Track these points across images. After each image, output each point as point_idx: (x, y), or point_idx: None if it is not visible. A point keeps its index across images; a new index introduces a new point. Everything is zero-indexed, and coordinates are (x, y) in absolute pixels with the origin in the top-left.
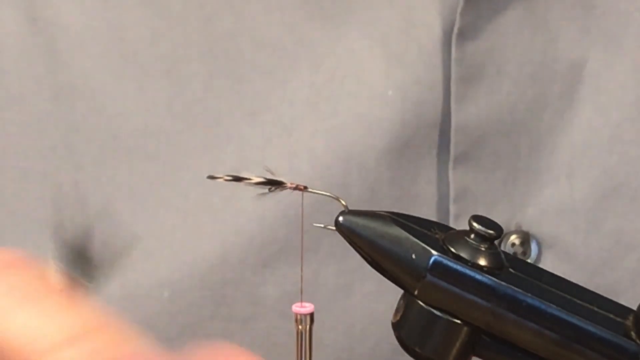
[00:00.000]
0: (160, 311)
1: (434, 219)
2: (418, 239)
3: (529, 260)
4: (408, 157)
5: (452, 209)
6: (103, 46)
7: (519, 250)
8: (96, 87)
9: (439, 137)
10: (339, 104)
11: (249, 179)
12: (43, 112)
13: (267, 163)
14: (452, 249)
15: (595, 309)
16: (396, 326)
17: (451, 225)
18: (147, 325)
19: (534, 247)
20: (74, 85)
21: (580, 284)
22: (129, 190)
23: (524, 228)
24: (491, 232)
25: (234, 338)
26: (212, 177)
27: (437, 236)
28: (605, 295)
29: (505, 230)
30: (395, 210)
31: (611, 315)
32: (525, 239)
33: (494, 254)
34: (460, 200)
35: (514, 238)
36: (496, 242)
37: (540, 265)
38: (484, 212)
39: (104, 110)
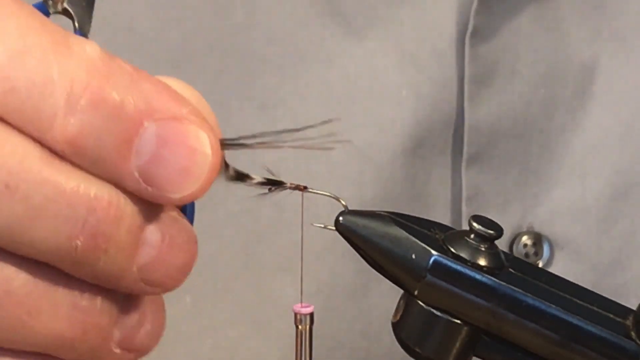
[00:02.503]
0: (182, 314)
1: (446, 218)
2: (418, 239)
3: (541, 261)
4: (421, 157)
5: (465, 208)
6: (110, 36)
7: (531, 250)
8: None
9: (452, 137)
10: (353, 104)
11: (250, 179)
12: None
13: (280, 161)
14: (452, 249)
15: (595, 309)
16: (396, 326)
17: (463, 225)
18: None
19: (546, 247)
20: None
21: (591, 284)
22: None
23: (536, 229)
24: (491, 232)
25: (254, 341)
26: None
27: (437, 236)
28: (616, 295)
29: (517, 231)
30: (409, 210)
31: (611, 315)
32: (537, 239)
33: (494, 254)
34: (473, 200)
35: (526, 239)
36: (508, 243)
37: (552, 266)
38: (496, 212)
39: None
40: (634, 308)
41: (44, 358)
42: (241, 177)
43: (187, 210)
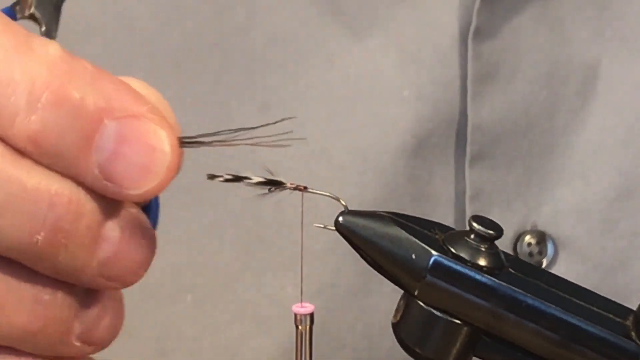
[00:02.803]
0: (183, 314)
1: (450, 218)
2: (418, 239)
3: (545, 260)
4: (424, 157)
5: (468, 207)
6: (111, 35)
7: (535, 249)
8: None
9: (455, 136)
10: (354, 104)
11: (249, 179)
12: None
13: (281, 162)
14: (452, 249)
15: (595, 309)
16: (396, 326)
17: (466, 224)
18: (169, 325)
19: (550, 247)
20: None
21: (595, 284)
22: None
23: (540, 228)
24: (491, 232)
25: (255, 340)
26: (211, 177)
27: (437, 236)
28: (619, 295)
29: (521, 230)
30: (412, 210)
31: (611, 316)
32: (541, 238)
33: (494, 254)
34: (476, 199)
35: (529, 238)
36: (512, 242)
37: (556, 265)
38: (499, 211)
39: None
40: (635, 308)
41: (5, 350)
42: (241, 177)
43: (151, 207)
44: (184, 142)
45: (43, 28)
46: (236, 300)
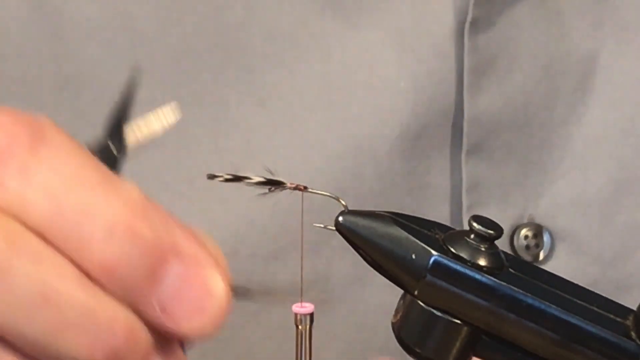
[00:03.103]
0: None
1: (446, 210)
2: (418, 239)
3: (542, 253)
4: (421, 148)
5: (465, 200)
6: (111, 35)
7: (532, 242)
8: (102, 76)
9: (451, 129)
10: (351, 96)
11: (249, 179)
12: (48, 101)
13: (277, 153)
14: (452, 249)
15: (595, 309)
16: (396, 326)
17: (464, 216)
18: None
19: (546, 239)
20: (80, 74)
21: (593, 276)
22: (133, 177)
23: (537, 220)
24: (491, 232)
25: (245, 330)
26: (211, 177)
27: (437, 236)
28: (618, 288)
29: (518, 222)
30: (408, 202)
31: (611, 315)
32: (538, 231)
33: (494, 254)
34: (473, 191)
35: (526, 230)
36: (509, 235)
37: (553, 258)
38: (496, 204)
39: (110, 99)
40: (636, 301)
41: None
42: (240, 177)
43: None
44: (235, 291)
45: None
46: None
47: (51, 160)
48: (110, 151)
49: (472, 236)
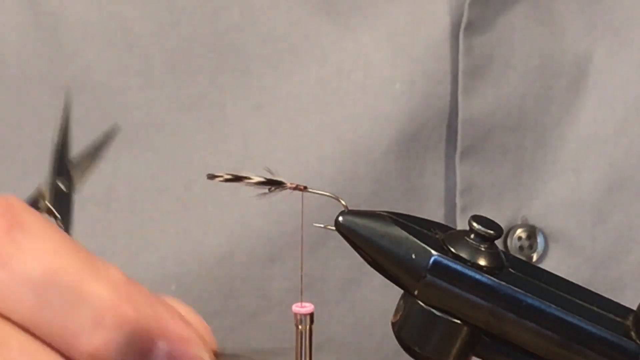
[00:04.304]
0: None
1: (441, 211)
2: (418, 239)
3: (535, 254)
4: (415, 150)
5: (459, 201)
6: (107, 38)
7: (526, 244)
8: (99, 79)
9: (446, 130)
10: (346, 98)
11: (249, 179)
12: (44, 104)
13: (274, 156)
14: (452, 249)
15: (595, 309)
16: (396, 326)
17: (457, 218)
18: None
19: (540, 240)
20: (77, 77)
21: (587, 277)
22: (129, 181)
23: (531, 222)
24: (491, 232)
25: (242, 332)
26: (211, 177)
27: (437, 236)
28: (611, 289)
29: (511, 224)
30: (403, 203)
31: (611, 315)
32: (532, 232)
33: (494, 254)
34: (467, 193)
35: (520, 232)
36: (503, 236)
37: (547, 259)
38: (490, 205)
39: (107, 102)
40: (630, 301)
41: None
42: (241, 177)
43: None
44: (221, 356)
45: (59, 221)
46: (222, 292)
47: (31, 248)
48: (61, 189)
49: (472, 236)
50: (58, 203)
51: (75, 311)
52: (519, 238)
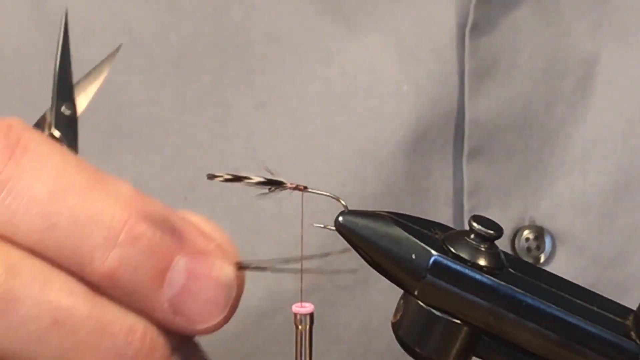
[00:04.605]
0: None
1: (448, 212)
2: (418, 239)
3: (543, 255)
4: (422, 151)
5: (466, 203)
6: (110, 37)
7: (533, 245)
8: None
9: (453, 131)
10: (353, 99)
11: (249, 179)
12: (47, 102)
13: (279, 156)
14: (452, 249)
15: (595, 309)
16: (396, 326)
17: (465, 219)
18: None
19: (548, 241)
20: (79, 76)
21: (593, 278)
22: (133, 180)
23: (538, 223)
24: (491, 232)
25: (250, 333)
26: (211, 177)
27: (437, 236)
28: (618, 290)
29: (519, 225)
30: (410, 204)
31: (611, 315)
32: (539, 233)
33: (494, 254)
34: (474, 194)
35: (527, 233)
36: (510, 237)
37: (554, 260)
38: (497, 206)
39: (110, 100)
40: (636, 303)
41: None
42: (241, 177)
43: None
44: (243, 267)
45: (64, 146)
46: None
47: (35, 169)
48: (65, 115)
49: (472, 236)
50: (63, 128)
51: (86, 231)
52: (527, 239)
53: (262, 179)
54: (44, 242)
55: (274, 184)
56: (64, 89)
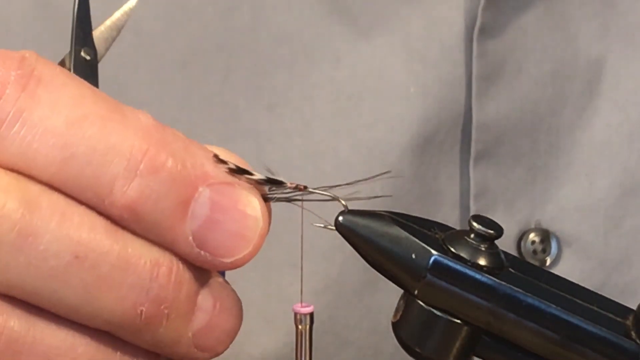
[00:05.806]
0: None
1: (455, 215)
2: (418, 238)
3: (549, 258)
4: (430, 154)
5: (473, 205)
6: (118, 38)
7: (539, 247)
8: (108, 77)
9: (460, 134)
10: (361, 101)
11: (251, 174)
12: None
13: (288, 159)
14: (452, 249)
15: (595, 309)
16: (396, 326)
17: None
18: None
19: (554, 244)
20: None
21: (599, 281)
22: None
23: (544, 226)
24: (491, 231)
25: (261, 337)
26: (218, 159)
27: (437, 236)
28: (623, 293)
29: (525, 228)
30: (418, 206)
31: (611, 315)
32: (545, 236)
33: (494, 253)
34: (481, 197)
35: (533, 236)
36: (516, 240)
37: (560, 263)
38: (504, 209)
39: (117, 99)
40: (635, 308)
41: None
42: (242, 170)
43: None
44: (269, 198)
45: None
46: (242, 296)
47: (50, 99)
48: (85, 59)
49: (472, 236)
50: (83, 73)
51: (105, 161)
52: (533, 242)
53: (262, 177)
54: (61, 174)
55: (274, 183)
56: (83, 33)
